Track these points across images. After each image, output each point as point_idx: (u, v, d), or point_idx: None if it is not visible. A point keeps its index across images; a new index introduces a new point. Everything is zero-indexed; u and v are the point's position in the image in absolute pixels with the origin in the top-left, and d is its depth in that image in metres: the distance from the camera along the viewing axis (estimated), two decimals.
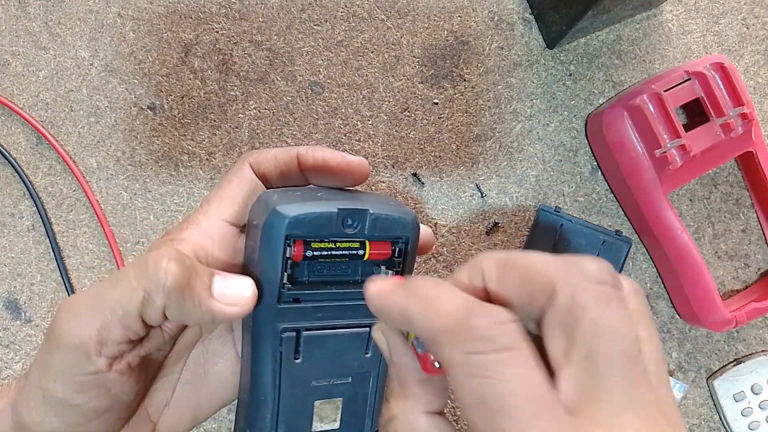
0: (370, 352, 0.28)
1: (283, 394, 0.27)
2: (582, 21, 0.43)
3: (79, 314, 0.24)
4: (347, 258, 0.27)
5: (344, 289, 0.27)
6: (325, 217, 0.25)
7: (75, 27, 0.48)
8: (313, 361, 0.27)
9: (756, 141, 0.46)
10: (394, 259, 0.27)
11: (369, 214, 0.26)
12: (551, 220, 0.47)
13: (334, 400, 0.28)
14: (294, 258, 0.26)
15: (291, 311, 0.26)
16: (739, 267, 0.49)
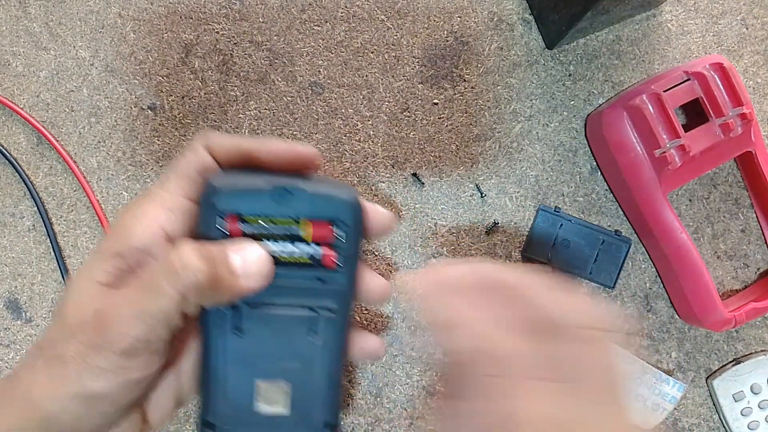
0: (319, 340, 0.28)
1: (226, 369, 0.27)
2: (581, 21, 0.43)
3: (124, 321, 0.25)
4: (288, 239, 0.26)
5: (291, 271, 0.27)
6: (257, 193, 0.26)
7: (75, 27, 0.48)
8: (255, 339, 0.27)
9: (755, 141, 0.46)
10: (338, 241, 0.27)
11: (304, 193, 0.26)
12: (551, 220, 0.47)
13: (280, 384, 0.28)
14: (231, 233, 0.26)
15: None
16: (738, 267, 0.49)
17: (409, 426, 0.47)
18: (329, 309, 0.27)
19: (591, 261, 0.47)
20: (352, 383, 0.47)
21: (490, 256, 0.48)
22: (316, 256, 0.27)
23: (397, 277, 0.26)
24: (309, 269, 0.27)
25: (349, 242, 0.27)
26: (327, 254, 0.27)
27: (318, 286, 0.27)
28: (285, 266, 0.27)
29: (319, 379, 0.28)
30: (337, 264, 0.27)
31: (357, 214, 0.27)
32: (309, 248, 0.27)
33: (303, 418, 0.28)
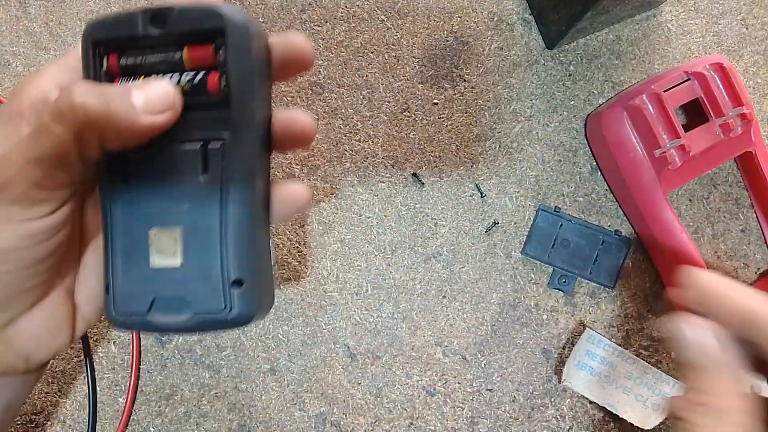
0: (207, 176, 0.24)
1: (118, 227, 0.25)
2: (581, 21, 0.43)
3: (15, 166, 0.23)
4: (168, 68, 0.24)
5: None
6: (127, 18, 0.23)
7: (75, 27, 0.48)
8: (143, 185, 0.25)
9: (755, 141, 0.46)
10: (221, 62, 0.24)
11: (174, 10, 0.23)
12: (551, 220, 0.47)
13: (171, 230, 0.25)
14: (110, 68, 0.24)
15: None
16: (739, 267, 0.49)
17: (409, 426, 0.47)
18: (218, 139, 0.24)
19: (591, 261, 0.47)
20: (351, 383, 0.47)
21: (489, 257, 0.48)
22: (196, 83, 0.24)
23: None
24: (194, 98, 0.24)
25: (234, 61, 0.23)
26: (209, 78, 0.24)
27: (206, 117, 0.24)
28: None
29: (212, 223, 0.24)
30: (222, 88, 0.24)
31: (241, 28, 0.23)
32: (188, 75, 0.24)
33: (199, 271, 0.25)
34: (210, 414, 0.47)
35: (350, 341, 0.47)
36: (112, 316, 0.26)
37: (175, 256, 0.25)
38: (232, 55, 0.23)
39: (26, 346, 0.28)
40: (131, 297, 0.25)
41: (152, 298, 0.25)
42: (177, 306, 0.25)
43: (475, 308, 0.48)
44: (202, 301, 0.25)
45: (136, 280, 0.25)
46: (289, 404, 0.47)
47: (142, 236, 0.25)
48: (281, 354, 0.47)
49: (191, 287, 0.25)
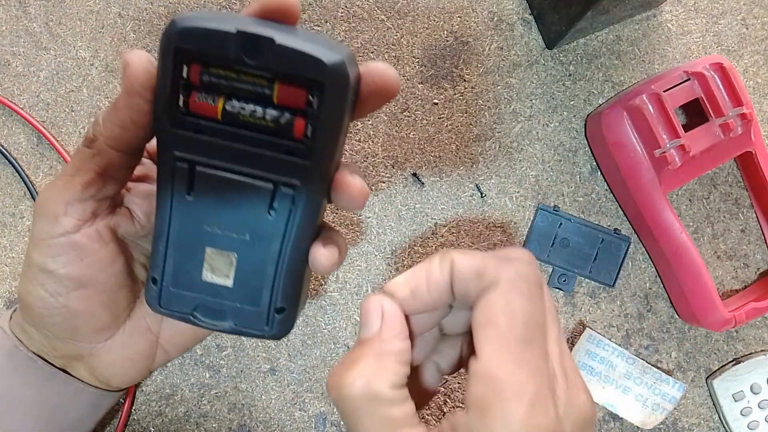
0: (273, 215, 0.25)
1: (175, 231, 0.26)
2: (581, 21, 0.43)
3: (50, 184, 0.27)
4: (254, 96, 0.23)
5: (253, 134, 0.24)
6: (220, 35, 0.22)
7: (75, 27, 0.48)
8: (206, 203, 0.25)
9: (755, 141, 0.46)
10: (311, 109, 0.23)
11: (274, 44, 0.21)
12: (550, 219, 0.47)
13: (228, 254, 0.26)
14: (191, 79, 0.23)
15: (188, 141, 0.24)
16: (738, 267, 0.49)
17: None
18: (291, 185, 0.24)
19: (591, 260, 0.47)
20: None
21: None
22: (282, 122, 0.23)
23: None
24: (274, 136, 0.24)
25: (325, 112, 0.23)
26: (296, 123, 0.23)
27: (282, 158, 0.24)
28: (248, 128, 0.24)
29: (269, 257, 0.26)
30: (306, 136, 0.23)
31: (341, 79, 0.22)
32: (275, 111, 0.23)
33: (248, 295, 0.27)
34: (210, 414, 0.47)
35: (350, 341, 0.47)
36: (156, 306, 0.27)
37: (227, 278, 0.26)
38: (325, 111, 0.23)
39: (105, 373, 0.32)
40: (178, 297, 0.27)
41: (197, 304, 0.27)
42: (219, 316, 0.27)
43: None
44: (245, 318, 0.27)
45: (186, 285, 0.27)
46: (289, 404, 0.47)
47: (198, 250, 0.26)
48: (281, 354, 0.47)
49: (237, 305, 0.27)
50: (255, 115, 0.23)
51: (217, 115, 0.24)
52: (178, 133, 0.24)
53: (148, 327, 0.32)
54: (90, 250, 0.27)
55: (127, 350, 0.31)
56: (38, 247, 0.27)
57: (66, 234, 0.27)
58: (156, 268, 0.27)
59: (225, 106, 0.23)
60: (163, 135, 0.24)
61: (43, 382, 0.31)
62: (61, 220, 0.26)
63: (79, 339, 0.30)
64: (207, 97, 0.23)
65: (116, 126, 0.25)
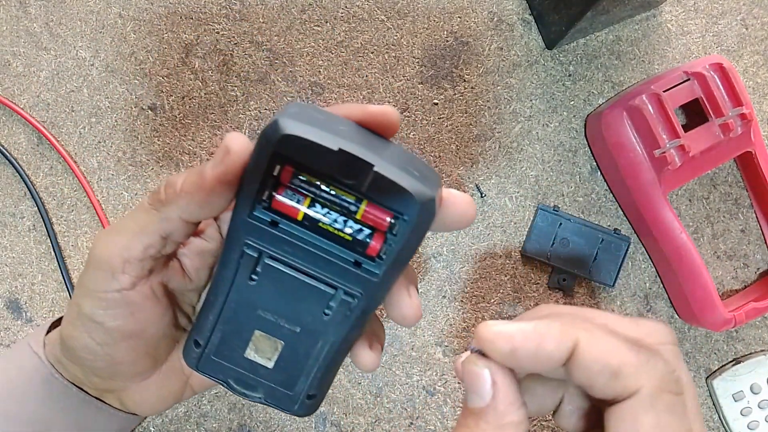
0: (328, 316, 0.26)
1: (229, 308, 0.27)
2: (581, 22, 0.44)
3: (109, 236, 0.27)
4: (338, 208, 0.24)
5: (326, 239, 0.25)
6: (321, 150, 0.21)
7: (76, 27, 0.48)
8: (266, 291, 0.26)
9: (755, 141, 0.46)
10: (390, 234, 0.24)
11: (372, 171, 0.22)
12: (550, 219, 0.47)
13: (275, 340, 0.27)
14: (282, 179, 0.24)
15: (261, 231, 0.25)
16: (738, 267, 0.49)
17: (409, 426, 0.47)
18: (352, 295, 0.25)
19: (591, 260, 0.47)
20: (351, 382, 0.47)
21: (489, 256, 0.48)
22: (360, 238, 0.24)
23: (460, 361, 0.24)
24: (349, 248, 0.25)
25: (402, 239, 0.24)
26: (374, 242, 0.24)
27: (350, 269, 0.25)
28: (325, 235, 0.24)
29: (313, 351, 0.27)
30: (380, 256, 0.24)
31: (426, 214, 0.23)
32: (357, 227, 0.24)
33: (285, 380, 0.28)
34: (210, 414, 0.47)
35: None
36: (195, 366, 0.28)
37: (269, 361, 0.27)
38: (405, 241, 0.24)
39: (135, 407, 0.32)
40: (217, 365, 0.28)
41: (235, 375, 0.28)
42: (252, 388, 0.28)
43: (475, 308, 0.48)
44: (277, 397, 0.28)
45: (228, 357, 0.28)
46: None
47: (247, 330, 0.27)
48: None
49: (272, 386, 0.28)
50: (335, 226, 0.24)
51: (297, 218, 0.24)
52: (255, 223, 0.24)
53: (181, 368, 0.32)
54: (142, 307, 0.27)
55: (160, 390, 0.32)
56: (90, 298, 0.27)
57: (121, 291, 0.27)
58: (201, 334, 0.28)
59: (307, 212, 0.24)
60: (240, 221, 0.25)
61: (77, 410, 0.31)
62: (119, 277, 0.26)
63: (117, 380, 0.30)
64: (292, 197, 0.24)
65: (195, 204, 0.25)
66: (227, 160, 0.23)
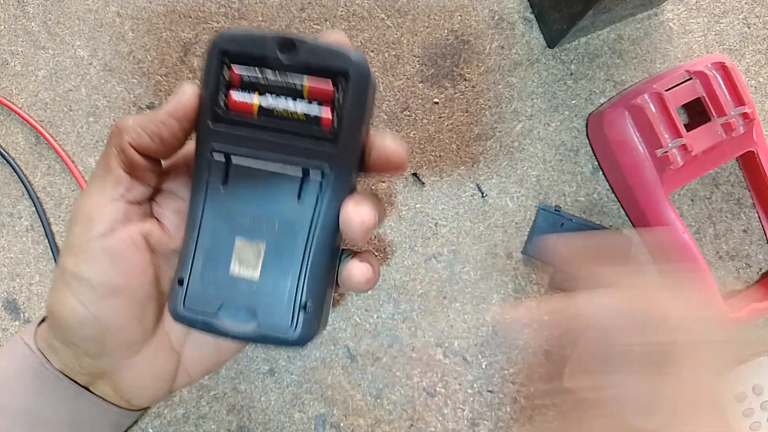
0: (302, 202, 0.27)
1: (206, 226, 0.27)
2: (583, 20, 0.43)
3: (83, 192, 0.28)
4: (286, 93, 0.26)
5: (286, 126, 0.26)
6: (259, 39, 0.25)
7: (74, 26, 0.48)
8: (239, 193, 0.27)
9: (757, 141, 0.46)
10: (337, 98, 0.26)
11: (305, 43, 0.25)
12: (551, 219, 0.47)
13: (256, 244, 0.27)
14: (231, 79, 0.26)
15: (224, 134, 0.26)
16: (741, 267, 0.49)
17: (409, 428, 0.47)
18: (320, 171, 0.26)
19: None
20: (351, 384, 0.47)
21: (490, 257, 0.48)
22: (312, 114, 0.26)
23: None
24: (305, 127, 0.26)
25: (350, 103, 0.26)
26: (324, 113, 0.26)
27: (311, 147, 0.26)
28: (282, 122, 0.26)
29: (296, 248, 0.27)
30: (333, 126, 0.26)
31: (363, 74, 0.26)
32: (305, 105, 0.26)
33: (274, 289, 0.27)
34: (209, 415, 0.46)
35: (350, 342, 0.47)
36: (179, 310, 0.28)
37: (255, 269, 0.27)
38: (350, 99, 0.26)
39: (129, 391, 0.32)
40: (203, 297, 0.27)
41: (222, 302, 0.27)
42: (243, 315, 0.27)
43: (476, 309, 0.48)
44: (270, 316, 0.27)
45: (212, 282, 0.27)
46: (288, 405, 0.47)
47: (227, 242, 0.27)
48: (280, 355, 0.47)
49: (262, 302, 0.27)
50: (288, 110, 0.26)
51: (254, 111, 0.26)
52: (218, 128, 0.26)
53: (171, 345, 0.32)
54: (124, 257, 0.28)
55: (151, 368, 0.31)
56: (72, 255, 0.27)
57: (100, 238, 0.27)
58: (184, 268, 0.28)
59: (261, 102, 0.26)
60: (204, 131, 0.27)
61: (69, 402, 0.31)
62: (95, 223, 0.27)
63: (107, 353, 0.30)
64: (245, 96, 0.26)
65: (144, 134, 0.27)
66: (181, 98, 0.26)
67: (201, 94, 0.26)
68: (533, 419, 0.47)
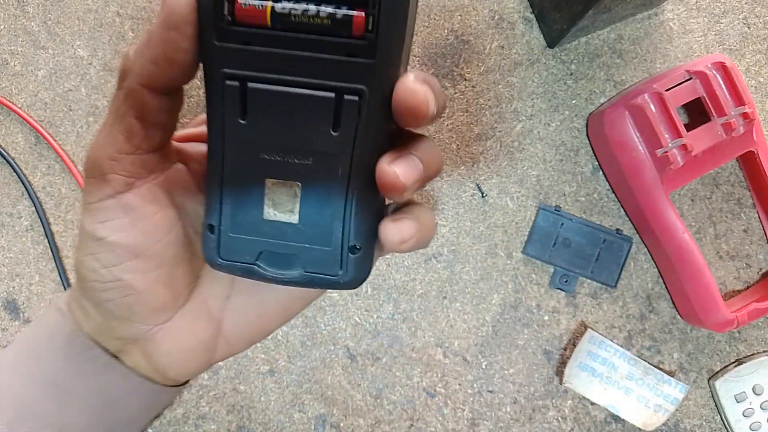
0: (339, 130, 0.22)
1: (229, 166, 0.23)
2: (583, 20, 0.43)
3: (93, 143, 0.24)
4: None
5: (308, 36, 0.21)
6: None
7: (74, 26, 0.48)
8: (262, 126, 0.22)
9: (757, 140, 0.46)
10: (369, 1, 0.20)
11: None
12: (552, 219, 0.47)
13: (290, 183, 0.23)
14: None
15: (234, 53, 0.21)
16: (741, 267, 0.49)
17: (409, 427, 0.47)
18: (356, 92, 0.21)
19: (593, 260, 0.47)
20: (351, 384, 0.47)
21: (490, 257, 0.48)
22: (339, 17, 0.20)
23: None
24: (332, 36, 0.21)
25: (390, 6, 0.20)
26: (356, 14, 0.20)
27: (342, 60, 0.21)
28: (301, 31, 0.21)
29: (337, 185, 0.23)
30: (368, 30, 0.20)
31: None
32: (330, 6, 0.20)
33: (317, 232, 0.23)
34: (209, 415, 0.46)
35: (350, 342, 0.47)
36: (215, 258, 0.25)
37: (292, 213, 0.23)
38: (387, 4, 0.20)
39: (163, 361, 0.29)
40: (239, 244, 0.24)
41: (261, 249, 0.24)
42: (286, 262, 0.24)
43: (476, 309, 0.48)
44: (316, 261, 0.24)
45: (247, 227, 0.24)
46: (288, 406, 0.47)
47: (256, 183, 0.23)
48: (280, 355, 0.47)
49: (305, 246, 0.24)
50: (308, 14, 0.20)
51: (266, 20, 0.21)
52: (225, 47, 0.21)
53: (209, 312, 0.29)
54: (143, 214, 0.25)
55: (186, 337, 0.28)
56: (88, 213, 0.25)
57: (116, 194, 0.24)
58: (212, 214, 0.24)
59: (273, 6, 0.21)
60: (210, 53, 0.22)
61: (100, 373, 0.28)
62: (109, 177, 0.24)
63: (135, 319, 0.27)
64: (253, 2, 0.21)
65: (148, 62, 0.22)
66: (168, 1, 0.21)
67: (199, 4, 0.21)
68: (533, 419, 0.47)
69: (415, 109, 0.22)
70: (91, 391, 0.29)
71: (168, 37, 0.21)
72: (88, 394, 0.29)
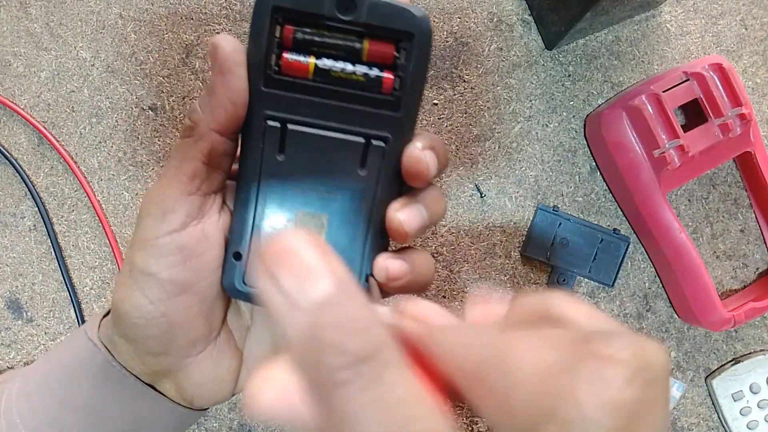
0: (365, 170, 0.25)
1: (264, 196, 0.26)
2: (581, 22, 0.44)
3: (154, 184, 0.26)
4: (344, 54, 0.24)
5: (344, 90, 0.24)
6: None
7: (76, 28, 0.48)
8: (297, 163, 0.25)
9: (754, 141, 0.46)
10: (400, 64, 0.24)
11: (369, 2, 0.23)
12: (549, 219, 0.47)
13: (319, 215, 0.26)
14: (284, 40, 0.24)
15: (278, 99, 0.25)
16: (738, 267, 0.49)
17: None
18: (382, 139, 0.25)
19: (590, 260, 0.47)
20: None
21: (489, 256, 0.48)
22: (373, 75, 0.24)
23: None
24: (364, 90, 0.24)
25: (414, 65, 0.24)
26: (386, 75, 0.24)
27: (372, 111, 0.25)
28: (339, 84, 0.24)
29: (360, 218, 0.26)
30: (396, 90, 0.24)
31: (427, 35, 0.24)
32: (365, 67, 0.24)
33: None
34: (210, 413, 0.47)
35: None
36: (236, 286, 0.26)
37: None
38: (415, 62, 0.24)
39: (192, 391, 0.30)
40: None
41: None
42: None
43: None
44: None
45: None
46: None
47: (288, 214, 0.26)
48: None
49: None
50: (345, 71, 0.24)
51: (309, 74, 0.24)
52: (270, 92, 0.24)
53: (234, 343, 0.31)
54: (195, 252, 0.26)
55: (215, 367, 0.30)
56: (142, 248, 0.26)
57: (172, 233, 0.26)
58: (239, 242, 0.26)
59: (316, 63, 0.24)
60: (255, 96, 0.25)
61: (134, 399, 0.30)
62: (168, 217, 0.25)
63: (171, 352, 0.28)
64: (299, 57, 0.24)
65: (216, 107, 0.25)
66: (219, 52, 0.24)
67: (249, 55, 0.24)
68: None
69: (418, 174, 0.25)
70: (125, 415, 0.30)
71: (225, 81, 0.24)
72: (122, 418, 0.30)
